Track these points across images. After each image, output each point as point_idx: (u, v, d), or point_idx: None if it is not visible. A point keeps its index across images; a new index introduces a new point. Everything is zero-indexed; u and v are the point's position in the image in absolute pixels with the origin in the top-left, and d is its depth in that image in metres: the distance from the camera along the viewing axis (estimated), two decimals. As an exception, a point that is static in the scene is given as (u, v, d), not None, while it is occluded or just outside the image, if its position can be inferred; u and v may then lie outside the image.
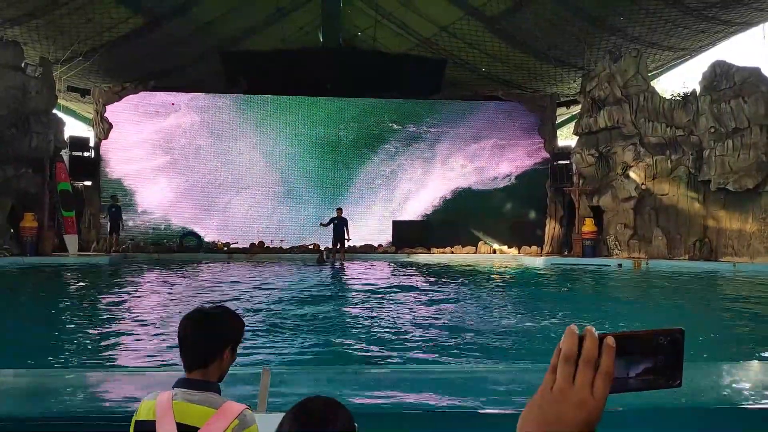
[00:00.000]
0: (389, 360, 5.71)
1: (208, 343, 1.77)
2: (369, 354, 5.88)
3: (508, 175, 20.43)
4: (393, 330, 7.16)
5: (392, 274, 14.21)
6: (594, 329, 0.66)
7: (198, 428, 1.63)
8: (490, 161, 20.48)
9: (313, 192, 19.90)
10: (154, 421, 1.66)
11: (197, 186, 19.47)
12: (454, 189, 20.39)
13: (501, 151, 20.49)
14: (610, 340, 0.65)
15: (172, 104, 19.52)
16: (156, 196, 19.01)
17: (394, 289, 11.23)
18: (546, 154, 20.21)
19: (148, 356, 5.70)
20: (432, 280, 12.72)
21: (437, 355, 5.88)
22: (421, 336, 6.77)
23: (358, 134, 20.21)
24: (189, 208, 19.25)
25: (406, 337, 6.73)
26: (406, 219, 19.94)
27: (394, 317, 8.03)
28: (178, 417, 1.65)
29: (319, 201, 19.45)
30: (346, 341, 6.45)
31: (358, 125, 20.23)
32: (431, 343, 6.36)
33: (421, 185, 20.38)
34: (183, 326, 1.81)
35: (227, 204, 19.61)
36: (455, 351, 6.03)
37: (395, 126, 20.40)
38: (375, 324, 7.46)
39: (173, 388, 1.73)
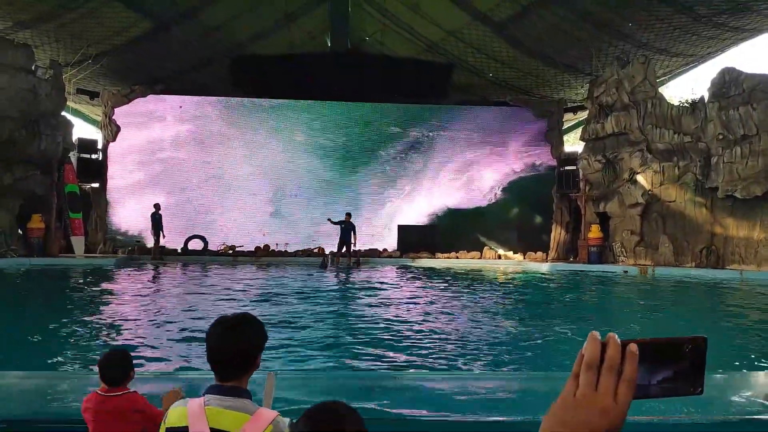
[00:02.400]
0: (394, 366, 5.70)
1: (246, 354, 1.78)
2: (374, 360, 5.87)
3: (514, 180, 20.39)
4: (398, 336, 7.15)
5: (397, 279, 14.19)
6: (617, 336, 0.66)
7: None
8: (496, 166, 20.46)
9: (320, 195, 19.93)
10: (186, 427, 1.67)
11: (201, 189, 19.53)
12: (459, 193, 20.37)
13: (507, 156, 20.46)
14: (633, 347, 0.65)
15: (180, 107, 19.62)
16: (160, 199, 19.00)
17: (399, 295, 11.22)
18: (553, 160, 20.16)
19: (152, 358, 5.71)
20: (437, 285, 12.70)
21: (444, 362, 5.86)
22: (427, 342, 6.75)
23: (364, 138, 20.23)
24: (193, 211, 19.30)
25: (411, 343, 6.72)
26: (411, 223, 19.93)
27: (398, 323, 8.02)
28: (212, 422, 1.66)
29: (325, 204, 19.48)
30: (351, 346, 6.44)
31: (365, 129, 20.27)
32: (438, 350, 6.35)
33: (427, 189, 20.37)
34: (215, 338, 1.79)
35: (232, 207, 19.65)
36: (460, 358, 6.02)
37: (402, 130, 20.41)
38: (379, 330, 7.44)
39: (204, 394, 1.74)
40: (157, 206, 17.27)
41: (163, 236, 17.23)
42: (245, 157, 19.81)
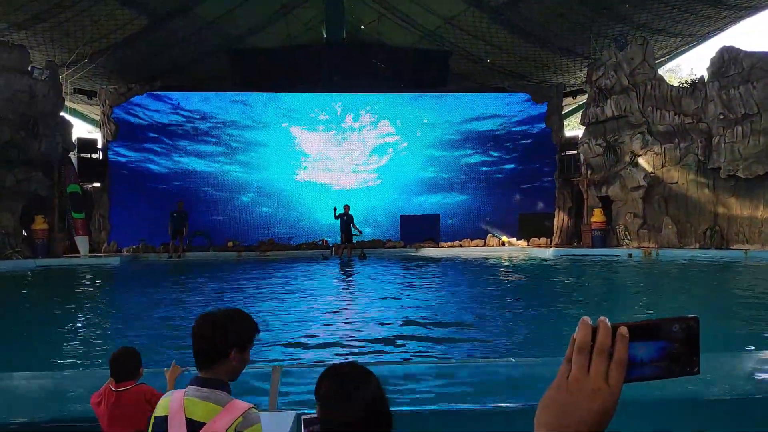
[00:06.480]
0: (398, 355, 5.72)
1: (212, 345, 1.85)
2: (377, 350, 5.89)
3: (515, 167, 20.33)
4: (401, 325, 7.17)
5: (400, 269, 14.21)
6: (607, 319, 0.67)
7: (204, 423, 1.72)
8: (496, 153, 20.40)
9: (322, 188, 19.93)
10: (167, 416, 1.76)
11: (203, 184, 19.54)
12: (461, 182, 20.33)
13: (507, 142, 20.39)
14: (623, 330, 0.66)
15: (178, 103, 19.56)
16: (164, 195, 19.02)
17: (402, 284, 11.24)
18: (553, 145, 20.09)
19: (159, 357, 5.73)
20: (441, 274, 12.72)
21: (447, 349, 5.88)
22: (431, 331, 6.77)
23: (364, 129, 20.18)
24: (196, 207, 19.28)
25: (416, 332, 6.73)
26: (414, 213, 19.92)
27: (402, 313, 8.03)
28: (188, 413, 1.75)
29: (327, 197, 19.46)
30: (355, 338, 6.46)
31: (365, 119, 20.21)
32: (441, 338, 6.36)
33: (428, 179, 20.34)
34: (193, 328, 1.90)
35: (235, 201, 19.67)
36: (465, 345, 6.03)
37: (401, 120, 20.34)
38: (383, 319, 7.46)
39: (187, 386, 1.82)
40: (180, 203, 17.32)
41: (186, 232, 17.25)
42: (247, 151, 19.79)
